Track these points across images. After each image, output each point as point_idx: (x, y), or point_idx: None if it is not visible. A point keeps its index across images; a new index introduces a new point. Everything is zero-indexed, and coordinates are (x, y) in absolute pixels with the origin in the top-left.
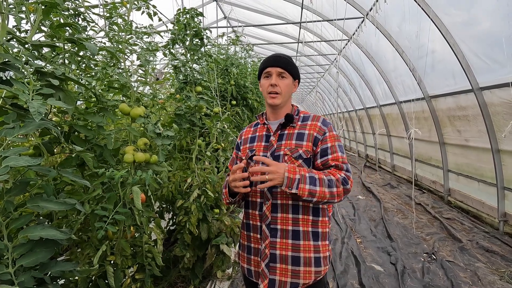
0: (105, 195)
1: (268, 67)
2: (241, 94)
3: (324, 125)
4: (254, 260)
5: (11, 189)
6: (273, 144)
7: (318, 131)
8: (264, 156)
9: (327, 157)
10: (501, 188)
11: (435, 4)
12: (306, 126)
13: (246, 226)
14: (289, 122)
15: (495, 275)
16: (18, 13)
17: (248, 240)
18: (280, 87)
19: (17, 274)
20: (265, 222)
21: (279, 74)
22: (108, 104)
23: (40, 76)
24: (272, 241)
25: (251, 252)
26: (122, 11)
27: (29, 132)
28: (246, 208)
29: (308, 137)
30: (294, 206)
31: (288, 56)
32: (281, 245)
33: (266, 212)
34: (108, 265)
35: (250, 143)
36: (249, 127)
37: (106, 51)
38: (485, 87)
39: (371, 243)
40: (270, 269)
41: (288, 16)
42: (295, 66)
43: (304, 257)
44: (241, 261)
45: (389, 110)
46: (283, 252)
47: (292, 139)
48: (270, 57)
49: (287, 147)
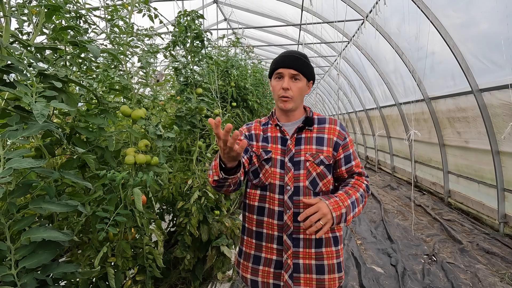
0: (106, 197)
1: (280, 68)
2: (241, 96)
3: (343, 130)
4: (264, 271)
5: (14, 191)
6: (291, 149)
7: (338, 135)
8: (283, 161)
9: (351, 164)
10: (501, 189)
11: (434, 6)
12: (324, 130)
13: (256, 234)
14: (308, 125)
15: (496, 277)
16: (20, 16)
17: (257, 249)
18: (293, 90)
19: (19, 275)
20: (286, 232)
21: (292, 76)
22: (109, 106)
23: (43, 78)
24: (295, 251)
25: (259, 263)
26: (123, 14)
27: (33, 134)
28: (258, 215)
29: (328, 142)
30: None
31: (302, 55)
32: (304, 255)
33: (288, 222)
34: (109, 266)
35: (263, 142)
36: (257, 123)
37: (107, 53)
38: (485, 89)
39: (372, 245)
40: (294, 280)
41: (288, 18)
42: (310, 66)
43: (328, 265)
44: (242, 271)
45: (389, 111)
46: (306, 261)
47: (311, 144)
48: (283, 56)
49: (307, 152)
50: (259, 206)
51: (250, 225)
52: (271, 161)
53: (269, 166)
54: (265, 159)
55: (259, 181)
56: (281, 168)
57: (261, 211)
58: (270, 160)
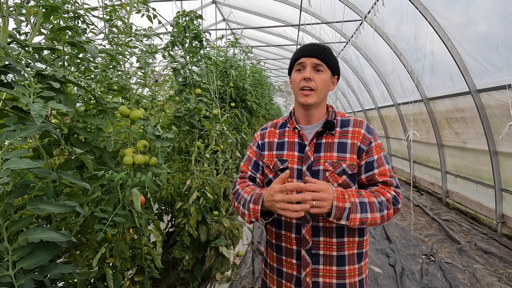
0: (104, 197)
1: (302, 57)
2: (240, 96)
3: (369, 133)
4: (286, 286)
5: (11, 192)
6: (310, 156)
7: (362, 140)
8: (300, 169)
9: (373, 172)
10: (498, 189)
11: (432, 6)
12: (347, 134)
13: (276, 247)
14: (329, 129)
15: (493, 277)
16: (18, 16)
17: (278, 263)
18: (316, 82)
19: (17, 276)
20: (305, 247)
21: (314, 66)
22: (108, 106)
23: (41, 78)
24: (314, 268)
25: (282, 276)
26: (122, 14)
27: (30, 135)
28: (277, 228)
29: (352, 148)
30: (339, 229)
31: (327, 46)
32: (324, 273)
33: (306, 236)
34: (107, 267)
35: (278, 150)
36: (273, 127)
37: (106, 54)
38: (483, 90)
39: (370, 245)
40: None
41: (286, 18)
42: (335, 58)
43: (350, 283)
44: (269, 282)
45: (387, 112)
46: (326, 280)
47: (332, 151)
48: (305, 45)
49: (327, 160)
50: (278, 219)
51: (270, 238)
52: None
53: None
54: (280, 169)
55: None
56: (298, 178)
57: (278, 223)
58: (287, 170)
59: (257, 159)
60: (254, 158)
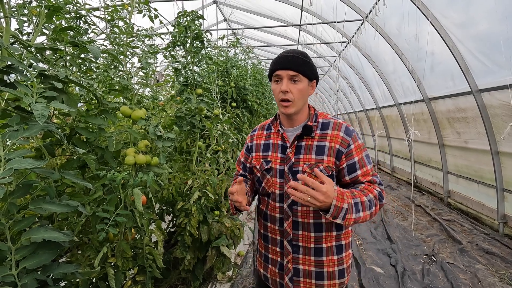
0: (106, 197)
1: (277, 69)
2: (241, 96)
3: (348, 135)
4: (271, 269)
5: (14, 191)
6: (291, 158)
7: (341, 143)
8: (282, 170)
9: (356, 174)
10: (500, 190)
11: (434, 6)
12: (326, 137)
13: (263, 236)
14: (307, 134)
15: (495, 277)
16: (20, 16)
17: (265, 250)
18: (293, 93)
19: (20, 276)
20: (286, 238)
21: (291, 77)
22: (109, 106)
23: (44, 79)
24: (295, 256)
25: (268, 261)
26: (123, 14)
27: (33, 135)
28: (264, 220)
29: (330, 151)
30: (316, 225)
31: (302, 53)
32: (303, 261)
33: (287, 229)
34: (109, 267)
35: (264, 151)
36: (261, 129)
37: (107, 54)
38: (484, 89)
39: (371, 245)
40: (294, 283)
41: (287, 18)
42: (310, 64)
43: (328, 272)
44: (258, 266)
45: (388, 112)
46: (306, 268)
47: (311, 153)
48: (280, 56)
49: (306, 162)
50: (265, 212)
51: (260, 228)
52: (272, 171)
53: (270, 175)
54: (266, 169)
55: (263, 189)
56: (280, 178)
57: (266, 217)
58: (271, 170)
59: (244, 161)
60: (242, 159)
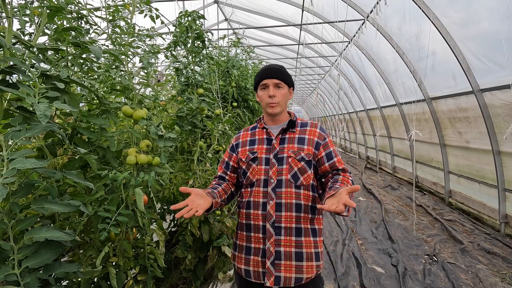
0: (107, 197)
1: (264, 79)
2: (242, 96)
3: (323, 132)
4: (254, 260)
5: (17, 191)
6: (276, 147)
7: (318, 136)
8: (268, 158)
9: (334, 160)
10: (502, 189)
11: (435, 5)
12: (305, 132)
13: (246, 226)
14: (291, 127)
15: (497, 277)
16: (22, 17)
17: (247, 240)
18: (278, 97)
19: (22, 275)
20: (269, 221)
21: (275, 85)
22: (111, 106)
23: (46, 79)
24: (277, 238)
25: (250, 253)
26: (124, 14)
27: (36, 135)
28: (247, 209)
29: (309, 142)
30: (297, 205)
31: (281, 66)
32: (285, 242)
33: (271, 211)
34: (110, 266)
35: (250, 145)
36: (245, 131)
37: (109, 54)
38: (486, 89)
39: (372, 245)
40: (275, 266)
41: (288, 18)
42: (288, 75)
43: (307, 253)
44: (237, 263)
45: (389, 111)
46: (287, 249)
47: (294, 143)
48: (265, 69)
49: (290, 150)
50: (248, 201)
51: (241, 219)
52: (257, 160)
53: (256, 164)
54: (251, 159)
55: (248, 180)
56: (266, 165)
57: (249, 205)
58: (257, 159)
59: (228, 159)
60: (226, 158)
